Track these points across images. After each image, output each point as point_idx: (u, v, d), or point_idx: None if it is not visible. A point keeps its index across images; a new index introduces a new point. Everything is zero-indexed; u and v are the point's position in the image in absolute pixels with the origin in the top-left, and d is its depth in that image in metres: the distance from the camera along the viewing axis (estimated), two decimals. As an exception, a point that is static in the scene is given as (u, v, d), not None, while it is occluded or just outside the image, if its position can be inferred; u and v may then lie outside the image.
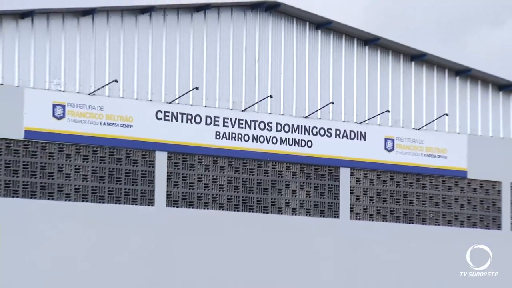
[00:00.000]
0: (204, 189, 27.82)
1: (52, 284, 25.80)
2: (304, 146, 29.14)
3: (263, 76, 28.98)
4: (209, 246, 27.67)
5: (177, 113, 27.55)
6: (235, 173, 28.27)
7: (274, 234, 28.50)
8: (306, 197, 29.18)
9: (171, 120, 27.52)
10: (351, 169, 29.84)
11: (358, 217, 29.86)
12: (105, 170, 26.63)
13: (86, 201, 26.33)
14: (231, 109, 28.37)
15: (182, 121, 27.64)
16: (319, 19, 29.78)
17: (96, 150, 26.47)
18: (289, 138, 28.99)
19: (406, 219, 30.54)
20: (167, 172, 27.38)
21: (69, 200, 26.04)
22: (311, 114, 29.28)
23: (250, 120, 28.52)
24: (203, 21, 28.34)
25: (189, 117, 27.72)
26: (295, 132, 29.09)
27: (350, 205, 29.72)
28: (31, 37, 25.87)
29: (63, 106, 26.01)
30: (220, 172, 28.08)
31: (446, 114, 31.00)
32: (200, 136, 27.80)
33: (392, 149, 30.33)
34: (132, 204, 26.89)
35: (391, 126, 30.50)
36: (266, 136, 28.67)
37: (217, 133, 28.01)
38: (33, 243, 25.55)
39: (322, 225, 29.28)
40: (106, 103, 26.66)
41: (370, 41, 30.54)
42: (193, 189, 27.70)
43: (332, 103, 29.41)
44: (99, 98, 26.53)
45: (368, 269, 29.86)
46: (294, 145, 29.03)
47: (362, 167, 30.01)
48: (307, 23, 29.82)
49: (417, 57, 31.08)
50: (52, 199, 25.85)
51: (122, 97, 26.91)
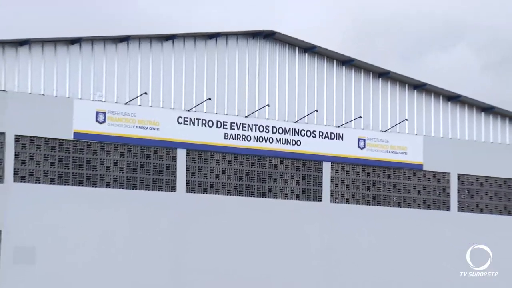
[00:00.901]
0: (215, 179, 28.03)
1: (96, 252, 25.91)
2: (294, 145, 29.30)
3: (262, 90, 29.18)
4: (219, 223, 27.90)
5: (194, 118, 27.76)
6: (239, 166, 28.47)
7: (271, 214, 28.74)
8: (296, 185, 29.35)
9: (189, 124, 27.71)
10: (331, 163, 29.92)
11: (337, 200, 29.98)
12: (137, 164, 26.88)
13: (122, 188, 26.59)
14: (237, 115, 28.56)
15: (198, 125, 27.82)
16: (305, 44, 29.93)
17: (130, 148, 26.77)
18: (282, 139, 29.15)
19: (375, 202, 30.63)
20: (186, 165, 27.56)
21: (109, 188, 26.36)
22: (300, 119, 29.50)
23: (252, 124, 28.76)
24: (215, 46, 28.50)
25: (203, 122, 27.91)
26: (287, 133, 29.23)
27: (331, 191, 29.83)
28: (79, 59, 26.10)
29: (104, 113, 26.33)
30: (228, 165, 28.29)
31: (406, 120, 31.18)
32: (212, 137, 27.99)
33: (364, 147, 30.45)
34: (158, 191, 27.13)
35: (363, 129, 30.62)
36: (264, 137, 28.89)
37: (226, 135, 28.20)
38: (81, 221, 25.77)
39: (308, 207, 29.46)
40: (138, 111, 26.90)
41: (346, 62, 30.63)
42: (206, 178, 27.89)
43: (316, 111, 29.63)
44: (132, 107, 26.80)
45: (345, 240, 29.90)
46: (286, 144, 29.19)
47: (340, 161, 30.10)
48: (296, 47, 29.92)
49: (383, 75, 31.15)
50: (96, 187, 26.13)
51: (151, 106, 27.13)
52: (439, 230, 31.40)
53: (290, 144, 29.29)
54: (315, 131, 29.75)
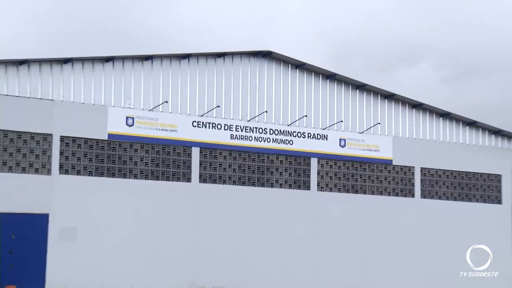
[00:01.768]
0: (223, 172, 28.09)
1: (125, 231, 26.14)
2: (287, 144, 29.32)
3: (261, 99, 29.22)
4: (226, 208, 27.99)
5: (205, 122, 27.86)
6: (243, 161, 28.53)
7: (268, 200, 28.81)
8: (289, 176, 29.37)
9: (202, 127, 27.78)
10: (317, 159, 29.89)
11: (322, 189, 29.94)
12: (159, 159, 26.95)
13: (148, 179, 26.67)
14: (240, 120, 28.60)
15: (209, 128, 27.91)
16: (296, 62, 29.95)
17: (153, 146, 26.88)
18: (277, 139, 29.17)
19: (353, 191, 30.57)
20: (199, 161, 27.61)
21: (136, 179, 26.47)
22: (292, 123, 29.51)
23: (253, 127, 28.80)
24: (222, 63, 28.60)
25: (213, 125, 28.00)
26: (281, 134, 29.26)
27: (317, 182, 29.81)
28: (112, 73, 26.33)
29: (132, 118, 26.51)
30: (233, 160, 28.34)
31: (379, 123, 31.16)
32: (221, 137, 28.07)
33: (344, 146, 30.42)
34: (176, 181, 27.22)
35: (343, 131, 30.57)
36: (263, 137, 28.91)
37: (232, 135, 28.28)
38: (113, 206, 26.01)
39: (299, 195, 29.49)
40: (160, 116, 27.00)
41: (330, 76, 30.63)
42: (216, 171, 27.94)
43: (305, 116, 29.71)
44: (155, 113, 26.95)
45: (329, 221, 29.89)
46: (281, 143, 29.22)
47: (325, 157, 30.07)
48: (289, 64, 29.94)
49: (360, 87, 31.15)
50: (125, 178, 26.27)
51: (170, 112, 27.23)
52: (406, 213, 31.43)
53: (284, 143, 29.30)
54: (304, 133, 29.78)
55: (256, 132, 28.83)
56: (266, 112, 29.05)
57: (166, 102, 27.14)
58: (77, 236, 25.21)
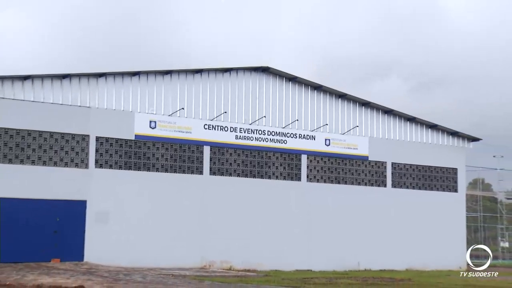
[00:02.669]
0: (229, 166, 28.11)
1: (149, 214, 26.17)
2: (282, 143, 29.29)
3: (260, 106, 29.20)
4: (231, 195, 27.96)
5: (215, 125, 27.90)
6: (245, 157, 28.52)
7: (267, 190, 28.82)
8: (283, 170, 29.38)
9: (212, 129, 27.80)
10: (307, 156, 29.87)
11: (311, 180, 29.92)
12: (177, 156, 27.00)
13: (167, 172, 26.74)
14: (243, 123, 28.60)
15: (217, 130, 27.92)
16: (289, 75, 30.02)
17: (172, 145, 26.94)
18: (274, 139, 29.13)
19: (336, 181, 30.53)
20: (210, 157, 27.66)
21: (158, 172, 26.56)
22: (286, 126, 29.50)
23: (253, 129, 28.77)
24: (229, 76, 28.67)
25: (221, 127, 28.03)
26: (277, 135, 29.22)
27: (307, 174, 29.81)
28: (138, 85, 26.46)
29: (155, 122, 26.62)
30: (237, 157, 28.34)
31: (357, 126, 31.15)
32: (227, 138, 28.07)
33: (329, 145, 30.37)
34: (191, 174, 27.28)
35: (328, 132, 30.49)
36: (262, 138, 28.88)
37: (236, 136, 28.30)
38: (139, 194, 26.07)
39: (292, 185, 29.49)
40: (178, 120, 27.10)
41: (317, 87, 30.68)
42: (223, 165, 27.98)
43: (297, 120, 29.74)
44: (174, 117, 27.04)
45: (316, 206, 29.83)
46: (277, 142, 29.19)
47: (313, 154, 30.05)
48: (284, 77, 29.97)
49: (342, 96, 31.14)
50: (149, 171, 26.38)
51: (186, 117, 27.31)
52: (379, 199, 31.38)
53: (279, 143, 29.29)
54: (296, 134, 29.75)
55: (256, 133, 28.85)
56: (265, 117, 29.14)
57: (183, 108, 27.28)
58: (109, 219, 25.38)
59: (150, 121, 26.56)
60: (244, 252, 27.49)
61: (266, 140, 29.02)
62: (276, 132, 29.30)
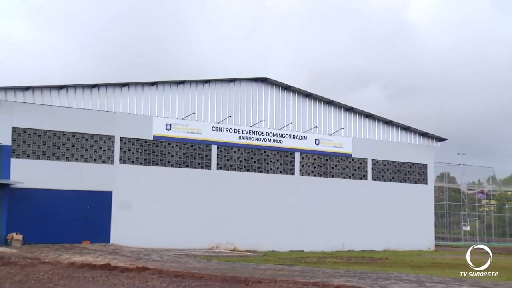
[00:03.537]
0: (233, 162, 28.13)
1: (165, 203, 26.18)
2: (278, 142, 29.30)
3: (260, 111, 29.19)
4: (235, 187, 28.00)
5: (221, 127, 27.89)
6: (247, 155, 28.54)
7: (265, 182, 28.81)
8: (280, 165, 29.40)
9: (218, 131, 27.80)
10: (300, 153, 29.88)
11: (303, 174, 29.92)
12: (189, 153, 27.02)
13: (180, 167, 26.79)
14: (245, 125, 28.58)
15: (223, 131, 27.92)
16: (284, 85, 29.99)
17: (185, 144, 26.95)
18: (271, 139, 29.12)
19: (325, 175, 30.51)
20: (217, 154, 27.68)
21: (173, 167, 26.58)
22: (282, 128, 29.50)
23: (254, 131, 28.76)
24: (233, 86, 28.68)
25: (226, 129, 28.01)
26: (274, 136, 29.22)
27: (299, 169, 29.83)
28: (156, 93, 26.44)
29: (170, 124, 26.64)
30: (240, 154, 28.33)
31: (342, 128, 31.13)
32: (231, 138, 28.08)
33: (318, 144, 30.38)
34: (201, 169, 27.30)
35: (318, 133, 30.48)
36: (261, 138, 28.87)
37: (239, 136, 28.31)
38: (157, 185, 26.06)
39: (287, 178, 29.50)
40: (189, 123, 27.09)
41: (309, 95, 30.67)
42: (228, 162, 27.99)
43: (291, 123, 29.75)
44: (186, 121, 27.03)
45: (308, 196, 29.83)
46: (274, 142, 29.19)
47: (305, 152, 30.01)
48: (280, 86, 29.95)
49: (329, 102, 31.12)
50: (165, 166, 26.41)
51: (196, 120, 27.29)
52: (361, 190, 31.38)
53: (276, 142, 29.31)
54: (290, 135, 29.75)
55: (256, 134, 28.86)
56: (264, 120, 29.15)
57: (194, 113, 27.32)
58: (131, 207, 25.45)
59: (166, 124, 26.59)
60: (246, 235, 27.53)
61: (265, 140, 29.06)
62: (273, 133, 29.33)
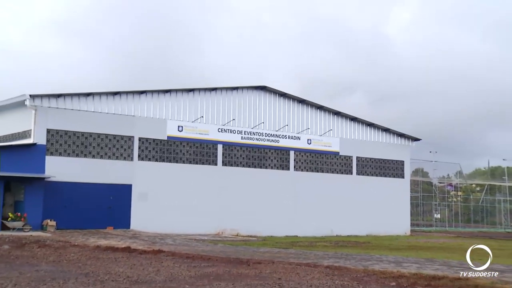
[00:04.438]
0: (237, 159, 28.04)
1: (176, 195, 26.10)
2: (275, 142, 29.21)
3: (260, 115, 29.06)
4: (238, 181, 27.88)
5: (226, 129, 27.80)
6: (249, 153, 28.44)
7: (264, 177, 28.74)
8: (277, 162, 29.30)
9: (224, 132, 27.70)
10: (294, 151, 29.78)
11: (296, 169, 29.83)
12: (198, 151, 26.90)
13: (191, 164, 26.67)
14: (247, 127, 28.46)
15: (228, 132, 27.81)
16: (281, 92, 29.84)
17: (194, 144, 26.82)
18: (269, 139, 29.03)
19: (316, 170, 30.41)
20: (222, 152, 27.58)
21: (184, 163, 26.48)
22: (279, 129, 29.40)
23: (255, 132, 28.68)
24: (236, 93, 28.58)
25: (231, 130, 27.91)
26: (272, 136, 29.14)
27: (294, 165, 29.74)
28: (169, 100, 26.32)
29: (182, 126, 26.56)
30: (243, 152, 28.25)
31: (331, 130, 31.00)
32: (235, 138, 27.97)
33: (310, 143, 30.27)
34: (209, 165, 27.20)
35: (310, 134, 30.37)
36: (261, 138, 28.77)
37: (242, 137, 28.20)
38: (170, 180, 25.97)
39: (283, 173, 29.38)
40: (198, 125, 27.01)
41: (302, 101, 30.55)
42: (232, 159, 27.93)
43: (287, 125, 29.67)
44: (195, 123, 26.95)
45: (301, 188, 29.76)
46: (272, 142, 29.11)
47: (299, 150, 29.91)
48: (277, 93, 29.82)
49: (320, 107, 31.00)
50: (177, 163, 26.29)
51: (205, 123, 27.20)
52: (347, 183, 31.29)
53: (273, 142, 29.23)
54: (286, 135, 29.65)
55: (256, 135, 28.78)
56: (263, 122, 29.09)
57: (202, 116, 27.24)
58: (148, 198, 25.36)
59: (178, 126, 26.55)
60: (247, 222, 27.48)
61: (264, 140, 28.99)
62: (271, 134, 29.26)
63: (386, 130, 33.26)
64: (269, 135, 29.16)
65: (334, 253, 16.52)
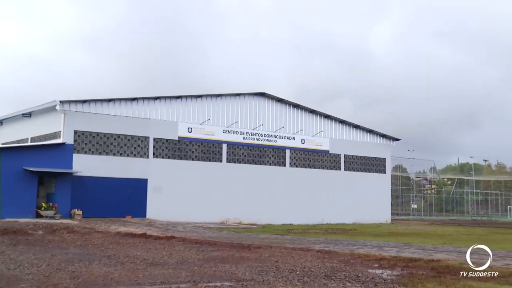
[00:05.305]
0: (239, 157, 27.98)
1: (186, 189, 26.01)
2: (273, 142, 29.17)
3: (260, 118, 29.01)
4: (241, 175, 27.82)
5: (230, 130, 27.73)
6: (250, 151, 28.40)
7: (264, 172, 28.71)
8: (274, 159, 29.22)
9: (228, 133, 27.63)
10: (289, 150, 29.72)
11: (292, 166, 29.78)
12: (205, 150, 26.82)
13: (199, 161, 26.62)
14: (248, 129, 28.41)
15: (231, 133, 27.76)
16: (278, 98, 29.73)
17: (202, 143, 26.71)
18: (268, 139, 28.98)
19: (309, 167, 30.34)
20: (226, 151, 27.53)
21: (193, 160, 26.38)
22: (276, 131, 29.35)
23: (255, 133, 28.63)
24: (238, 99, 28.54)
25: (234, 131, 27.84)
26: (270, 137, 29.08)
27: (289, 162, 29.70)
28: (180, 105, 26.31)
29: (191, 128, 26.49)
30: (244, 151, 28.22)
31: (322, 131, 30.95)
32: (238, 138, 27.93)
33: (304, 143, 30.23)
34: (215, 162, 27.13)
35: (303, 135, 30.30)
36: (260, 138, 28.72)
37: (244, 137, 28.17)
38: (180, 175, 25.92)
39: (280, 169, 29.32)
40: (205, 127, 26.94)
41: (297, 106, 30.47)
42: (235, 156, 27.87)
43: (283, 127, 29.61)
44: (203, 125, 26.90)
45: (295, 183, 29.70)
46: (270, 142, 29.06)
47: (293, 149, 29.84)
48: (275, 99, 29.75)
49: (312, 111, 30.90)
50: (187, 160, 26.24)
51: (211, 125, 27.15)
52: (336, 178, 31.26)
53: (271, 142, 29.19)
54: (282, 136, 29.59)
55: (256, 136, 28.74)
56: (262, 125, 29.07)
57: (209, 119, 27.22)
58: (162, 191, 25.34)
59: (188, 128, 26.51)
60: (249, 212, 27.47)
61: (263, 140, 28.95)
62: (269, 135, 29.20)
63: (370, 131, 33.26)
64: (267, 135, 29.13)
65: (324, 239, 16.56)
